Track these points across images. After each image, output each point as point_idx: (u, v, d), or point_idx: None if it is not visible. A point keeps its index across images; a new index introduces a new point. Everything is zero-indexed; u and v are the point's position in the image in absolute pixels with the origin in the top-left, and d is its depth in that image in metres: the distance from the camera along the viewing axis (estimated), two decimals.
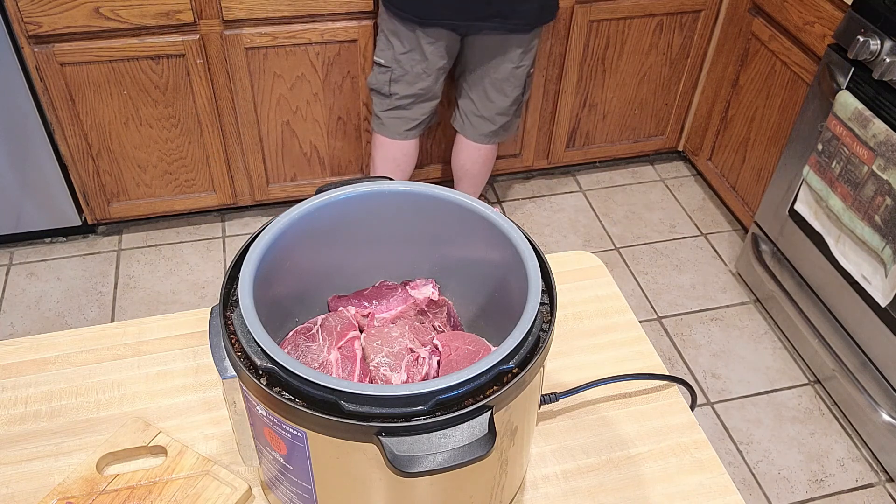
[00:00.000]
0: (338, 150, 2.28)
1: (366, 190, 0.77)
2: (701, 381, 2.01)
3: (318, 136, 2.23)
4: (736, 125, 2.33)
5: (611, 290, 1.05)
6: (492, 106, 2.01)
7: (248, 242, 0.72)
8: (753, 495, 1.77)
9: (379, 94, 1.98)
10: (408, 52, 1.86)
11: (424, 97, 1.96)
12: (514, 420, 0.67)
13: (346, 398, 0.58)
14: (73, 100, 1.98)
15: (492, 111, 2.02)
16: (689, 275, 2.31)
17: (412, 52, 1.85)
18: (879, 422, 1.76)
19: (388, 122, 2.01)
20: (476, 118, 2.05)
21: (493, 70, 1.93)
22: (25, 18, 1.80)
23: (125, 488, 0.78)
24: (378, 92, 1.98)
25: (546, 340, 0.66)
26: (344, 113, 2.19)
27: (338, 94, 2.15)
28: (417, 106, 1.97)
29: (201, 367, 0.93)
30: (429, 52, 1.85)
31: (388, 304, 0.83)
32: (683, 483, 0.83)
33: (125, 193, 2.22)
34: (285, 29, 1.98)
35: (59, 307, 2.13)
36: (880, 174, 1.61)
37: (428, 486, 0.66)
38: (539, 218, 2.48)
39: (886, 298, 1.65)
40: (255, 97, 2.09)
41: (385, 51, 1.90)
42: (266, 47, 2.00)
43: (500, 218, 0.75)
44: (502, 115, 2.04)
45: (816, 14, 1.89)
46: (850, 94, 1.69)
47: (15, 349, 0.94)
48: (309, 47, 2.03)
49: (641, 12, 2.23)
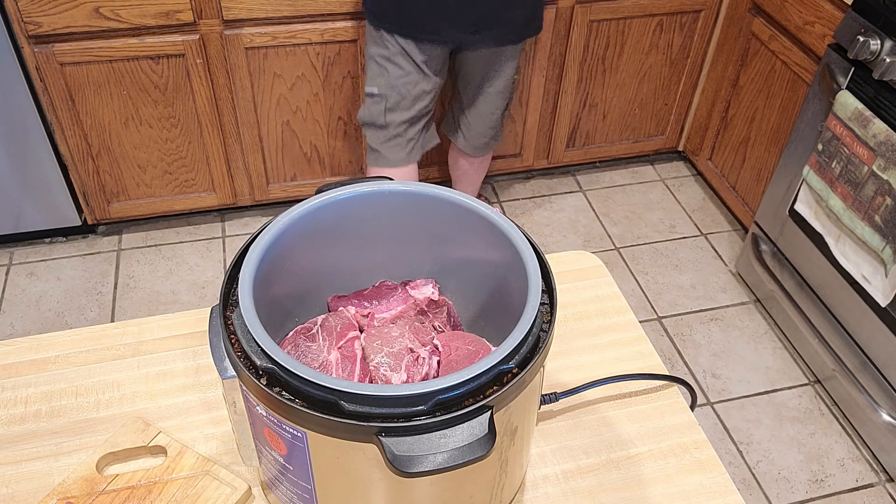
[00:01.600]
0: (338, 150, 2.28)
1: (366, 190, 0.77)
2: (701, 381, 2.01)
3: (318, 136, 2.23)
4: (736, 125, 2.33)
5: (611, 290, 1.05)
6: (485, 120, 2.01)
7: (248, 242, 0.72)
8: (753, 495, 1.77)
9: (374, 126, 1.88)
10: (406, 75, 1.78)
11: (419, 117, 1.89)
12: (514, 420, 0.67)
13: (346, 398, 0.58)
14: (73, 100, 1.98)
15: (485, 125, 2.03)
16: (689, 275, 2.31)
17: (410, 73, 1.78)
18: (879, 422, 1.77)
19: (387, 152, 1.91)
20: (470, 132, 2.05)
21: (486, 84, 1.92)
22: (25, 18, 1.80)
23: (125, 488, 0.78)
24: (373, 125, 1.87)
25: (546, 340, 0.66)
26: (344, 113, 2.19)
27: (338, 94, 2.15)
28: (413, 127, 1.90)
29: (201, 367, 0.93)
30: (427, 70, 1.79)
31: (388, 304, 0.83)
32: (683, 483, 0.83)
33: (125, 193, 2.22)
34: (285, 29, 1.98)
35: (59, 307, 2.13)
36: (880, 174, 1.61)
37: (428, 486, 0.66)
38: (539, 218, 2.48)
39: (886, 298, 1.65)
40: (255, 97, 2.09)
41: (378, 78, 1.81)
42: (266, 47, 2.00)
43: (500, 218, 0.75)
44: (493, 126, 2.05)
45: (816, 14, 1.89)
46: (850, 94, 1.69)
47: (15, 349, 0.94)
48: (309, 47, 2.03)
49: (641, 12, 2.23)
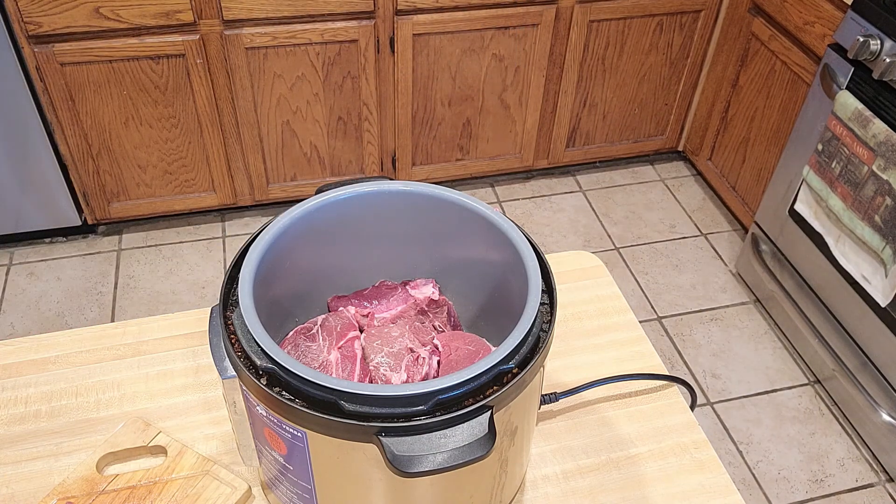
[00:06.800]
0: (338, 150, 2.28)
1: (366, 190, 0.77)
2: (701, 381, 2.01)
3: (318, 136, 2.23)
4: (736, 125, 2.33)
5: (611, 290, 1.05)
6: None
7: (248, 242, 0.72)
8: (753, 495, 1.76)
9: None
10: None
11: None
12: (514, 420, 0.67)
13: (346, 398, 0.58)
14: (73, 100, 1.98)
15: None
16: (689, 275, 2.31)
17: None
18: (879, 422, 1.76)
19: None
20: None
21: None
22: (25, 18, 1.80)
23: (125, 488, 0.78)
24: None
25: (546, 340, 0.66)
26: (344, 113, 2.19)
27: (338, 94, 2.15)
28: None
29: (201, 367, 0.93)
30: None
31: (388, 304, 0.83)
32: (683, 483, 0.83)
33: (125, 193, 2.22)
34: (285, 29, 1.98)
35: (59, 307, 2.13)
36: (880, 174, 1.61)
37: (428, 486, 0.66)
38: (539, 218, 2.48)
39: (886, 298, 1.65)
40: (255, 97, 2.09)
41: None
42: (266, 47, 2.00)
43: (500, 218, 0.75)
44: None
45: (816, 14, 1.89)
46: (850, 94, 1.69)
47: (15, 349, 0.94)
48: (309, 47, 2.03)
49: (641, 12, 2.23)
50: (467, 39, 2.13)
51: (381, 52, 2.09)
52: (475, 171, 2.47)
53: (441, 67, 2.17)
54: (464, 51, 2.15)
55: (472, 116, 2.32)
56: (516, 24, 2.14)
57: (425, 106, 2.25)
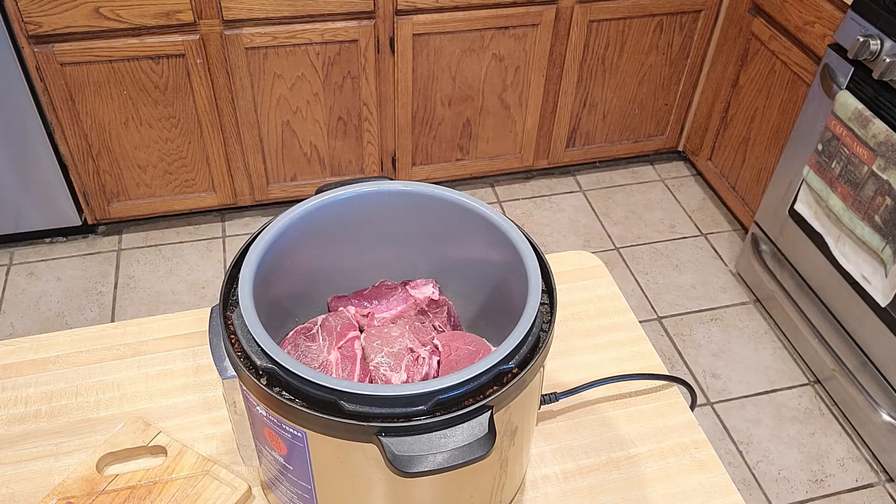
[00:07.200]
0: (338, 150, 2.28)
1: (366, 190, 0.77)
2: (701, 381, 2.01)
3: (318, 136, 2.23)
4: (736, 125, 2.33)
5: (611, 290, 1.05)
6: None
7: (248, 242, 0.72)
8: (753, 495, 1.76)
9: None
10: None
11: None
12: (514, 420, 0.67)
13: (346, 398, 0.58)
14: (73, 100, 1.98)
15: None
16: (689, 275, 2.31)
17: None
18: (879, 422, 1.76)
19: None
20: None
21: None
22: (25, 18, 1.80)
23: (125, 488, 0.78)
24: None
25: (546, 340, 0.66)
26: (344, 113, 2.19)
27: (338, 94, 2.15)
28: None
29: (201, 367, 0.93)
30: None
31: (388, 304, 0.83)
32: (683, 483, 0.83)
33: (125, 193, 2.22)
34: (285, 29, 1.97)
35: (59, 307, 2.13)
36: (880, 174, 1.61)
37: (428, 486, 0.66)
38: (539, 218, 2.48)
39: (886, 298, 1.65)
40: (255, 97, 2.09)
41: None
42: (266, 47, 2.00)
43: (500, 218, 0.75)
44: None
45: (816, 14, 1.89)
46: (850, 94, 1.69)
47: (15, 349, 0.94)
48: (309, 47, 2.03)
49: (641, 12, 2.23)
50: (467, 39, 2.13)
51: (381, 52, 2.09)
52: (475, 171, 2.47)
53: (441, 67, 2.17)
54: (464, 51, 2.15)
55: (472, 116, 2.32)
56: (516, 24, 2.14)
57: (425, 106, 2.25)
